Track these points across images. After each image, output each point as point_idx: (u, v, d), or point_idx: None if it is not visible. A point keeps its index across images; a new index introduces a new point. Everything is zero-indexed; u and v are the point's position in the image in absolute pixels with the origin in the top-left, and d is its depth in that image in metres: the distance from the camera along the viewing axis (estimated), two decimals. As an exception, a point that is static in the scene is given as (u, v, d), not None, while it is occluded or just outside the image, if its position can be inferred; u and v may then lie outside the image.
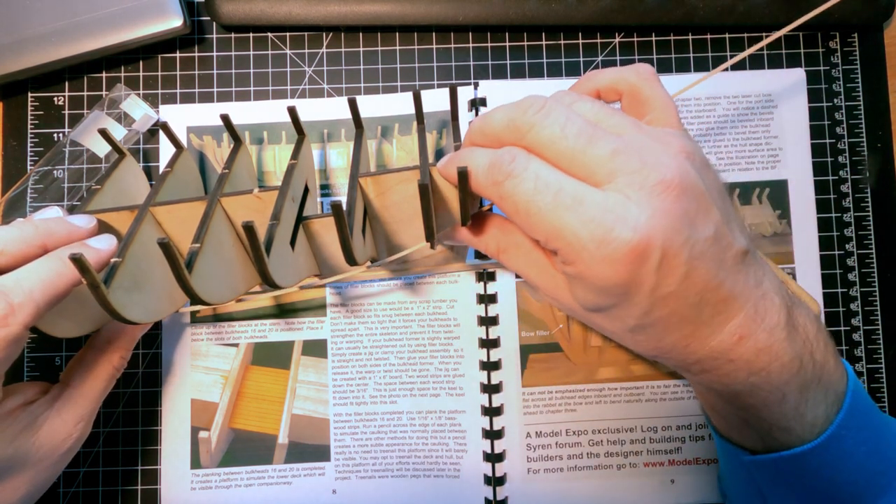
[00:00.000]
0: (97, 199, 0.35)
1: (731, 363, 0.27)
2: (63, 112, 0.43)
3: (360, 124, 0.39)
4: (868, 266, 0.43)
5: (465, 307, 0.42)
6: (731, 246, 0.26)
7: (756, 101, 0.43)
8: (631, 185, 0.25)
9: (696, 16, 0.43)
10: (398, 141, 0.43)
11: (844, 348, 0.42)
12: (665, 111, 0.30)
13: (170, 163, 0.38)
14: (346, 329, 0.42)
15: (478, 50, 0.44)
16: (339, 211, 0.30)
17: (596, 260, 0.25)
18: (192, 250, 0.29)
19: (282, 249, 0.31)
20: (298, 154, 0.37)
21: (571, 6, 0.43)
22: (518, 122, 0.27)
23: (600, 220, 0.25)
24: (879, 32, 0.44)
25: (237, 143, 0.40)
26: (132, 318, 0.28)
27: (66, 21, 0.41)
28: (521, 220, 0.27)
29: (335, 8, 0.42)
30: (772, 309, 0.27)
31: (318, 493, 0.41)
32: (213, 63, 0.44)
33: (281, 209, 0.31)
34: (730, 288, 0.26)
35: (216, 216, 0.32)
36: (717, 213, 0.26)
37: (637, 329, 0.28)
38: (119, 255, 0.29)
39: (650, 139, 0.27)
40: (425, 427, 0.41)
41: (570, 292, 0.29)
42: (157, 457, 0.41)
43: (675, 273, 0.25)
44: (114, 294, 0.27)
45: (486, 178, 0.28)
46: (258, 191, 0.33)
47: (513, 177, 0.27)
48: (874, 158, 0.43)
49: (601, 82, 0.32)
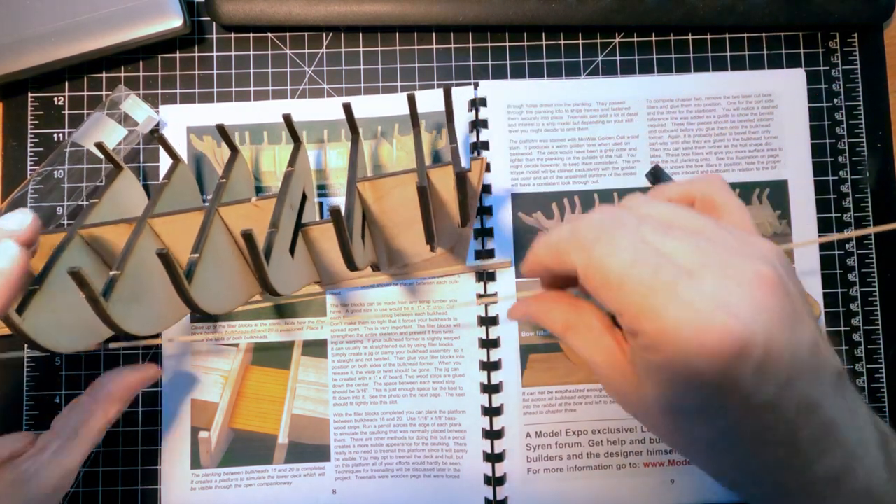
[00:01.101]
0: (95, 212, 0.35)
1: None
2: (63, 112, 0.43)
3: (356, 129, 0.39)
4: (868, 266, 0.43)
5: (465, 307, 0.42)
6: (828, 362, 0.23)
7: (756, 101, 0.43)
8: (725, 277, 0.22)
9: (696, 16, 0.43)
10: (398, 141, 0.43)
11: (844, 348, 0.42)
12: (740, 216, 0.28)
13: (167, 174, 0.38)
14: (346, 329, 0.42)
15: (478, 50, 0.44)
16: (338, 217, 0.29)
17: (691, 347, 0.22)
18: (192, 260, 0.29)
19: (281, 257, 0.31)
20: (295, 161, 0.37)
21: (571, 6, 0.43)
22: (578, 244, 0.25)
23: (701, 304, 0.22)
24: (879, 32, 0.44)
25: (234, 151, 0.40)
26: (132, 331, 0.28)
27: (66, 21, 0.41)
28: (608, 293, 0.24)
29: (335, 8, 0.42)
30: (871, 444, 0.24)
31: (318, 493, 0.41)
32: (213, 63, 0.44)
33: (279, 217, 0.31)
34: (829, 412, 0.23)
35: (214, 226, 0.32)
36: (812, 322, 0.23)
37: (718, 445, 0.24)
38: (118, 268, 0.29)
39: (733, 237, 0.24)
40: (425, 427, 0.41)
41: (639, 386, 0.25)
42: (157, 457, 0.41)
43: (775, 377, 0.22)
44: (113, 307, 0.27)
45: (571, 242, 0.25)
46: (256, 199, 0.33)
47: (607, 243, 0.24)
48: (874, 158, 0.43)
49: (672, 194, 0.30)
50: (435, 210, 0.35)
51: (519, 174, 0.43)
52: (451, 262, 0.41)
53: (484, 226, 0.43)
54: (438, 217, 0.36)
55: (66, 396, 0.42)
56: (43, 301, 0.28)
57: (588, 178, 0.43)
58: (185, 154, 0.43)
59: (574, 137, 0.43)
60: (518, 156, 0.43)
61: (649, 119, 0.43)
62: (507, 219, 0.43)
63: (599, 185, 0.43)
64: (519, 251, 0.42)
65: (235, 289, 0.33)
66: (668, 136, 0.43)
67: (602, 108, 0.43)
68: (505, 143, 0.43)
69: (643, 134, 0.43)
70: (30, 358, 0.42)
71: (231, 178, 0.37)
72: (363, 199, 0.35)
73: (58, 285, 0.29)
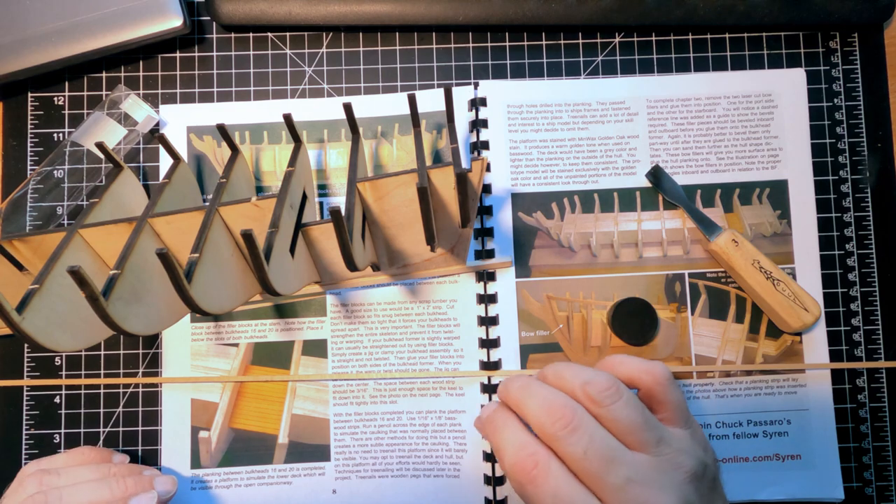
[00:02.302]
0: (95, 211, 0.35)
1: None
2: (63, 112, 0.43)
3: (356, 129, 0.39)
4: (868, 266, 0.43)
5: (465, 307, 0.42)
6: None
7: (756, 101, 0.43)
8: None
9: (696, 16, 0.43)
10: (398, 141, 0.43)
11: (844, 348, 0.42)
12: (677, 413, 0.33)
13: (167, 174, 0.38)
14: (346, 329, 0.42)
15: (478, 50, 0.44)
16: (339, 217, 0.29)
17: None
18: (192, 260, 0.29)
19: (282, 257, 0.31)
20: (296, 161, 0.37)
21: (571, 6, 0.43)
22: (546, 430, 0.31)
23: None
24: (879, 32, 0.44)
25: (234, 151, 0.40)
26: (132, 331, 0.28)
27: (66, 21, 0.41)
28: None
29: (335, 8, 0.42)
30: None
31: (318, 492, 0.41)
32: (213, 63, 0.44)
33: (279, 217, 0.31)
34: None
35: (214, 225, 0.32)
36: None
37: None
38: (118, 267, 0.29)
39: (663, 464, 0.30)
40: (425, 427, 0.41)
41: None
42: (157, 457, 0.41)
43: None
44: (113, 306, 0.27)
45: (514, 472, 0.31)
46: (256, 199, 0.33)
47: (536, 482, 0.30)
48: (874, 158, 0.43)
49: (620, 374, 0.34)
50: (435, 210, 0.35)
51: (519, 174, 0.43)
52: (451, 262, 0.41)
53: (484, 226, 0.43)
54: (438, 217, 0.36)
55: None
56: (43, 300, 0.28)
57: (588, 178, 0.43)
58: (185, 154, 0.43)
59: (574, 137, 0.43)
60: (518, 156, 0.43)
61: (649, 119, 0.43)
62: (507, 219, 0.43)
63: (599, 185, 0.43)
64: (519, 251, 0.42)
65: (235, 289, 0.33)
66: (668, 136, 0.43)
67: (602, 108, 0.43)
68: (505, 142, 0.43)
69: (643, 134, 0.43)
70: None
71: (231, 177, 0.37)
72: (363, 199, 0.34)
73: (58, 285, 0.29)
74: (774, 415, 0.42)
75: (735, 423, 0.42)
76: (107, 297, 0.27)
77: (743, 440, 0.41)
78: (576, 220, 0.43)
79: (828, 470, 0.41)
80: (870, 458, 0.42)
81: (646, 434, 0.30)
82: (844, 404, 0.42)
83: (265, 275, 0.29)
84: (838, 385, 0.42)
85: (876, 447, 0.42)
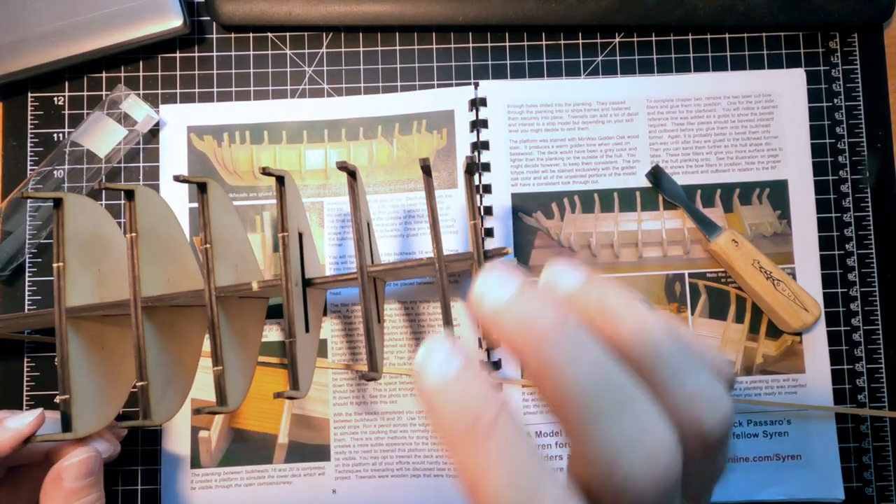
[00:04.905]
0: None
1: None
2: (63, 112, 0.43)
3: (354, 188, 0.34)
4: (868, 266, 0.43)
5: (465, 307, 0.42)
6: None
7: (756, 101, 0.43)
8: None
9: (696, 16, 0.43)
10: (398, 141, 0.43)
11: (844, 348, 0.42)
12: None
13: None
14: (347, 329, 0.42)
15: (478, 50, 0.44)
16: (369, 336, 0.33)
17: None
18: (217, 373, 0.33)
19: (308, 360, 0.34)
20: (286, 221, 0.33)
21: (571, 6, 0.43)
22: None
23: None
24: (879, 32, 0.44)
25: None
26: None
27: (66, 21, 0.41)
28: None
29: (335, 8, 0.42)
30: None
31: (317, 492, 0.41)
32: (213, 63, 0.44)
33: (293, 323, 0.32)
34: None
35: (221, 321, 0.34)
36: None
37: None
38: (141, 378, 0.33)
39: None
40: (425, 427, 0.41)
41: None
42: (157, 457, 0.41)
43: None
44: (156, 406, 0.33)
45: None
46: (257, 284, 0.33)
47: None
48: (874, 158, 0.43)
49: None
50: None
51: (519, 174, 0.43)
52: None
53: (484, 226, 0.43)
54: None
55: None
56: (77, 406, 0.33)
57: (588, 177, 0.43)
58: (185, 154, 0.43)
59: (574, 137, 0.43)
60: (518, 156, 0.43)
61: (649, 119, 0.43)
62: (507, 219, 0.43)
63: (599, 184, 0.43)
64: (519, 251, 0.42)
65: (247, 376, 0.37)
66: (668, 136, 0.43)
67: (602, 108, 0.43)
68: (505, 142, 0.43)
69: (643, 134, 0.43)
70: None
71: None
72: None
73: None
74: (774, 415, 0.42)
75: (735, 423, 0.42)
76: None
77: (743, 440, 0.42)
78: (576, 221, 0.43)
79: (828, 470, 0.41)
80: (870, 458, 0.42)
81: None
82: (844, 404, 0.42)
83: (297, 383, 0.32)
84: (838, 385, 0.42)
85: (876, 447, 0.42)
